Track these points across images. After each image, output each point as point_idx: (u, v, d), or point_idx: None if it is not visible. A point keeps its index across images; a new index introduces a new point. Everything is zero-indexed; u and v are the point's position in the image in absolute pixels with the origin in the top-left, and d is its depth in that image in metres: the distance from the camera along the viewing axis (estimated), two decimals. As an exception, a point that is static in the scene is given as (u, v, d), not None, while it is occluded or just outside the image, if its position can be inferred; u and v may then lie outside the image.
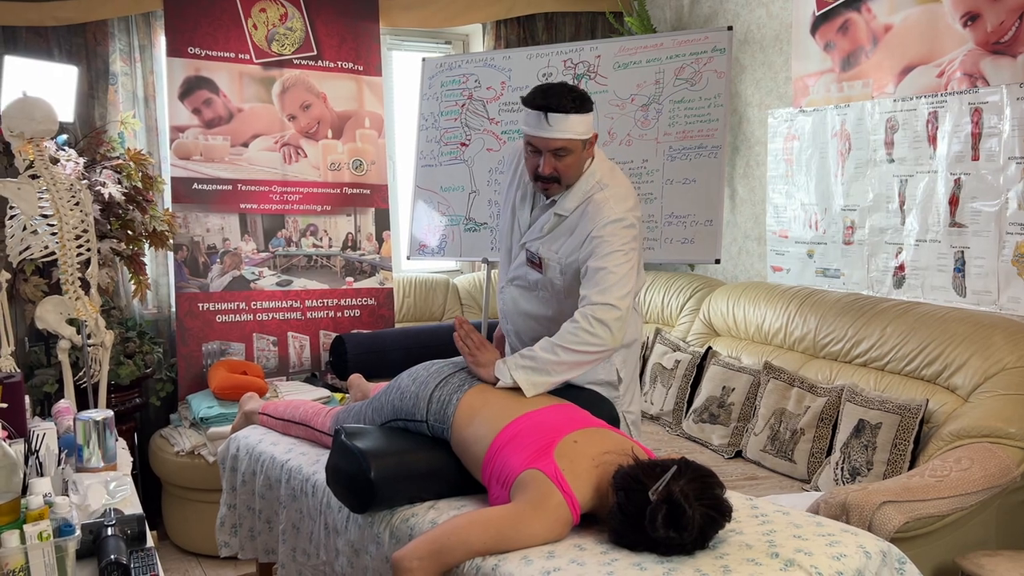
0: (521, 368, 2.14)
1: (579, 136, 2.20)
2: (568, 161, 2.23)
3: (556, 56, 3.96)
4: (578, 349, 2.16)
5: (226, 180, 3.88)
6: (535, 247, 2.34)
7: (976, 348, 2.77)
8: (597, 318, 2.15)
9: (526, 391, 2.11)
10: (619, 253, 2.22)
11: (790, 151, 3.82)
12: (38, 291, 3.29)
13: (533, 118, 2.20)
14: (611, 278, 2.19)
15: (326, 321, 4.06)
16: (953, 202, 3.09)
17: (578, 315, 2.18)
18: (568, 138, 2.19)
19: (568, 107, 2.17)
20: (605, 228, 2.22)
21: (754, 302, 3.69)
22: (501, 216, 2.55)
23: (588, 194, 2.28)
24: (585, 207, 2.27)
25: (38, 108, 2.83)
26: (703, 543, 1.68)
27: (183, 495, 3.49)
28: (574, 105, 2.17)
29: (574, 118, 2.18)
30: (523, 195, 2.43)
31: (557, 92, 2.19)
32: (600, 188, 2.29)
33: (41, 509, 1.54)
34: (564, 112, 2.16)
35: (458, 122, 4.13)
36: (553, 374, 2.15)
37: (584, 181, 2.30)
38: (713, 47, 3.72)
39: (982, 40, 2.97)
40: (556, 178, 2.25)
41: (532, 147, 2.24)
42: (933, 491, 2.29)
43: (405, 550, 1.73)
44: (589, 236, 2.23)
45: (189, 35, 3.79)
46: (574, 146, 2.21)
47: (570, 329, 2.17)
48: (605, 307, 2.17)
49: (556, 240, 2.31)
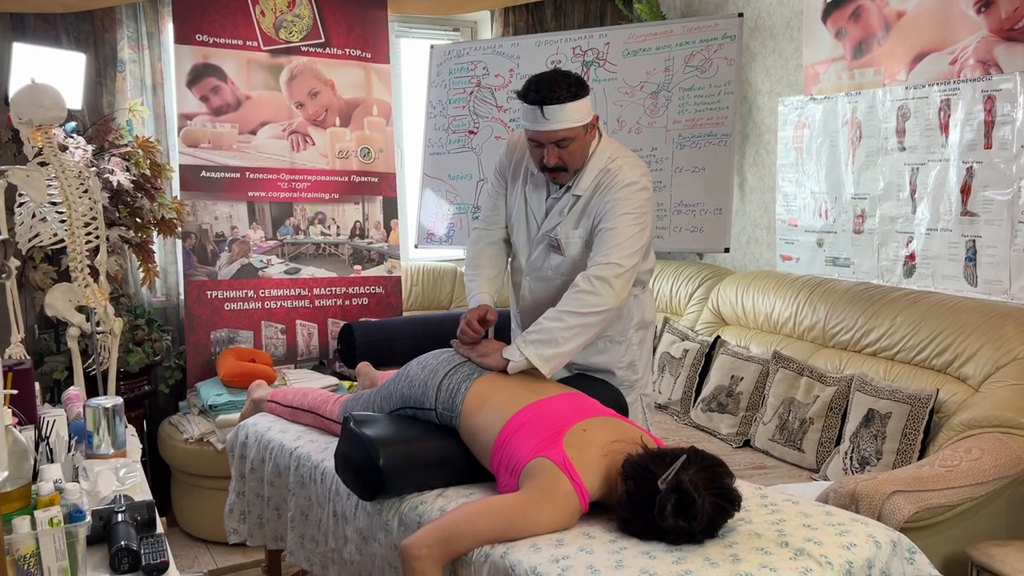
0: (531, 344, 2.12)
1: (579, 123, 2.19)
2: (572, 148, 2.22)
3: (565, 43, 3.94)
4: (583, 311, 2.13)
5: (234, 168, 3.87)
6: (555, 232, 2.34)
7: (987, 338, 2.75)
8: (598, 276, 2.14)
9: (540, 367, 2.10)
10: (630, 216, 2.21)
11: (800, 139, 3.79)
12: (47, 278, 3.30)
13: (530, 113, 2.18)
14: (617, 237, 2.18)
15: (334, 309, 4.06)
16: (965, 191, 3.07)
17: (579, 278, 2.17)
18: (568, 127, 2.17)
19: (563, 96, 2.14)
20: (620, 192, 2.22)
21: (763, 291, 3.67)
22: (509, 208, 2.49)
23: (603, 168, 2.29)
24: (600, 179, 2.28)
25: (47, 95, 2.83)
26: (712, 532, 1.68)
27: (192, 482, 3.51)
28: (569, 93, 2.15)
29: (570, 106, 2.15)
30: (534, 186, 2.41)
31: (550, 83, 2.16)
32: (612, 160, 2.29)
33: (52, 495, 1.54)
34: (560, 102, 2.14)
35: (466, 110, 4.11)
36: (563, 343, 2.12)
37: (596, 159, 2.30)
38: (723, 34, 3.70)
39: (996, 27, 2.94)
40: (563, 167, 2.24)
41: (534, 141, 2.23)
42: (943, 481, 2.29)
43: (414, 537, 1.73)
44: (610, 193, 2.23)
45: (197, 22, 3.78)
46: (575, 134, 2.20)
47: (571, 294, 2.16)
48: (607, 265, 2.16)
49: (577, 219, 2.31)
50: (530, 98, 2.16)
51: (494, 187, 2.52)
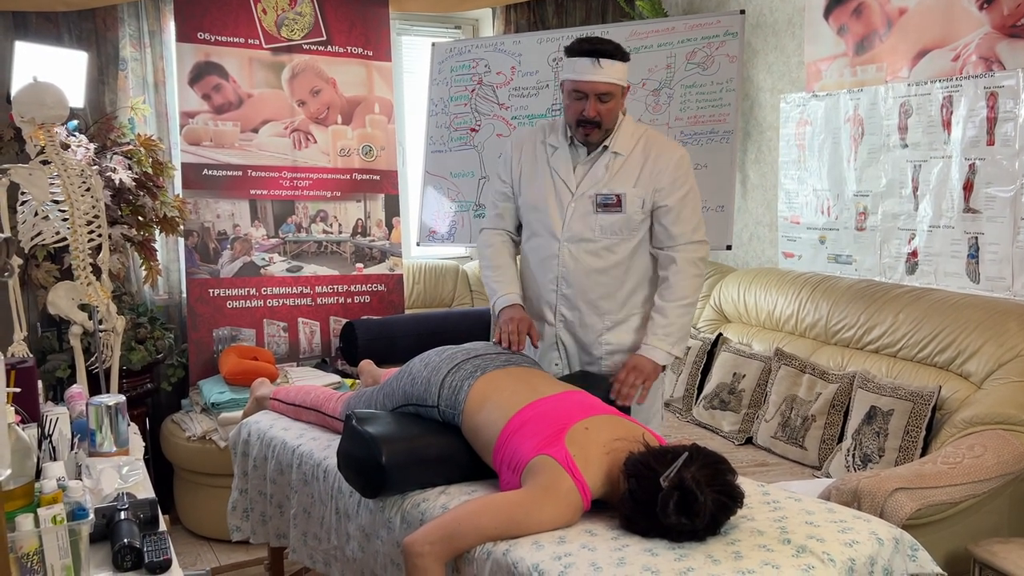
0: (676, 343, 2.36)
1: (621, 82, 2.35)
2: (610, 105, 2.34)
3: (566, 40, 3.91)
4: (697, 295, 2.41)
5: (236, 166, 3.87)
6: (606, 190, 2.39)
7: (990, 335, 2.75)
8: (699, 257, 2.40)
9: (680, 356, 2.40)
10: (693, 192, 2.43)
11: (802, 136, 3.79)
12: (50, 277, 3.31)
13: (582, 64, 2.31)
14: (694, 216, 2.41)
15: (336, 307, 4.06)
16: (967, 187, 3.06)
17: (681, 261, 2.37)
18: (613, 82, 2.32)
19: (615, 53, 2.32)
20: (679, 166, 2.40)
21: (765, 288, 3.67)
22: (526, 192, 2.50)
23: (640, 133, 2.45)
24: (644, 140, 2.43)
25: (49, 93, 2.83)
26: (715, 529, 1.68)
27: (195, 480, 3.51)
28: (619, 53, 2.33)
29: (619, 64, 2.33)
30: (559, 157, 2.46)
31: (603, 40, 2.35)
32: (643, 129, 2.47)
33: (55, 493, 1.55)
34: (612, 58, 2.30)
35: (468, 107, 4.11)
36: (688, 328, 2.40)
37: (627, 124, 2.45)
38: (725, 31, 3.69)
39: (998, 23, 2.93)
40: (598, 122, 2.35)
41: (578, 92, 2.33)
42: (946, 478, 2.28)
43: (416, 535, 1.73)
44: (669, 163, 2.39)
45: (198, 20, 3.78)
46: (616, 91, 2.34)
47: (685, 281, 2.36)
48: (699, 244, 2.41)
49: (626, 176, 2.40)
50: (585, 49, 2.31)
51: (500, 184, 2.58)
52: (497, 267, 2.52)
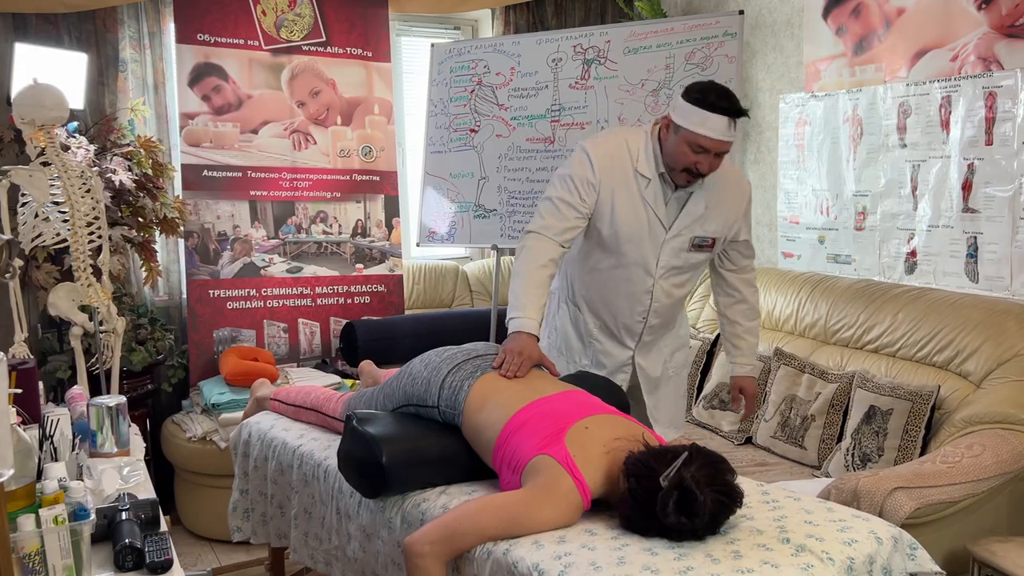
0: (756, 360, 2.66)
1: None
2: (722, 159, 2.31)
3: (566, 41, 3.94)
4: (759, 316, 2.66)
5: (236, 167, 3.88)
6: (701, 232, 2.43)
7: (989, 334, 2.75)
8: (755, 280, 2.64)
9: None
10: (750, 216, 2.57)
11: (801, 136, 3.79)
12: (50, 278, 3.31)
13: (717, 122, 2.20)
14: (751, 241, 2.59)
15: (336, 308, 4.07)
16: (966, 187, 3.07)
17: (744, 289, 2.61)
18: (733, 140, 2.28)
19: (742, 111, 2.24)
20: (749, 191, 2.54)
21: (765, 288, 3.68)
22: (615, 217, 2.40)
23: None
24: (716, 178, 2.40)
25: (48, 95, 2.83)
26: (714, 529, 1.68)
27: (195, 480, 3.52)
28: (743, 111, 2.25)
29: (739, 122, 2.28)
30: (652, 191, 2.37)
31: (735, 98, 2.24)
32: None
33: (56, 493, 1.55)
34: (741, 117, 2.24)
35: (467, 108, 4.11)
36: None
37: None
38: (724, 31, 3.70)
39: (997, 23, 2.94)
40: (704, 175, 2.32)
41: (701, 147, 2.23)
42: (945, 477, 2.29)
43: (417, 535, 1.73)
44: (744, 198, 2.50)
45: (198, 22, 3.79)
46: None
47: (757, 304, 2.64)
48: (752, 269, 2.63)
49: (716, 216, 2.44)
50: (722, 107, 2.20)
51: (574, 198, 2.36)
52: (534, 283, 2.31)
